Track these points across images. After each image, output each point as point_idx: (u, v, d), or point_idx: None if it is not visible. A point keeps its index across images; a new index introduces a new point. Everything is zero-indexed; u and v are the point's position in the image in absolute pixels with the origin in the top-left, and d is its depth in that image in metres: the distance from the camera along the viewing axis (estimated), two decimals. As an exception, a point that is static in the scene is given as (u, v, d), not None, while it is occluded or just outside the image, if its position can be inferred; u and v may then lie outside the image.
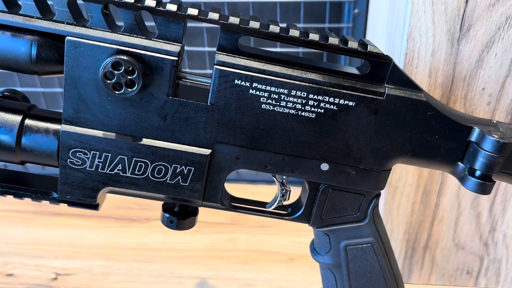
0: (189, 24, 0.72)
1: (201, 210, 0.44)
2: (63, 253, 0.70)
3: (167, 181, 0.41)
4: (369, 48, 0.38)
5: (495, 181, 0.41)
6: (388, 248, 0.47)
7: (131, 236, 0.74)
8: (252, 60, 0.38)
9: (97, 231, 0.75)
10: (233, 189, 0.48)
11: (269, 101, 0.39)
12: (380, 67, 0.39)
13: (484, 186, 0.41)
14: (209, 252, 0.71)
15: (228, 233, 0.75)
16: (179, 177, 0.41)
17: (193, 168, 0.41)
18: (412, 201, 0.57)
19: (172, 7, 0.36)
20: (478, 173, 0.41)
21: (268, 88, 0.38)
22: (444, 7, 0.46)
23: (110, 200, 0.83)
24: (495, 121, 0.43)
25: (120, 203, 0.81)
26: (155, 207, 0.81)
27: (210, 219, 0.77)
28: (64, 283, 0.65)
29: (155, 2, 0.36)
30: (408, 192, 0.57)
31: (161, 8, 0.36)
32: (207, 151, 0.40)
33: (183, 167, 0.41)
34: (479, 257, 0.61)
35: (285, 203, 0.46)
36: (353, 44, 0.38)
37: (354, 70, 0.40)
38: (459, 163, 0.42)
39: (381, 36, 0.61)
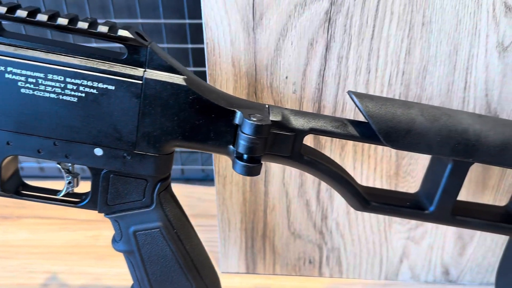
0: None
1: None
2: None
3: None
4: (120, 32, 0.39)
5: (261, 163, 0.42)
6: (183, 233, 0.47)
7: (-1, 233, 0.74)
8: (5, 45, 0.39)
9: (-34, 228, 0.74)
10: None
11: (27, 85, 0.39)
12: (137, 51, 0.40)
13: (248, 168, 0.42)
14: (71, 248, 0.71)
15: (94, 229, 0.75)
16: None
17: None
18: (242, 190, 0.58)
19: None
20: (244, 156, 0.42)
21: (23, 72, 0.39)
22: (233, -4, 0.47)
23: (-13, 199, 0.83)
24: (267, 106, 0.44)
25: (-3, 201, 0.81)
26: (31, 205, 0.82)
27: (79, 216, 0.77)
28: None
29: None
30: (237, 180, 0.57)
31: None
32: None
33: None
34: (318, 246, 0.62)
35: (82, 191, 0.47)
36: (102, 28, 0.39)
37: (118, 55, 0.41)
38: (231, 146, 0.43)
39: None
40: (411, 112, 0.43)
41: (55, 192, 0.47)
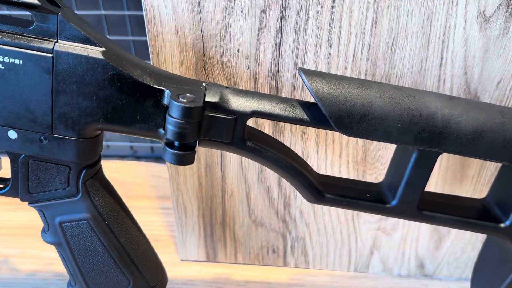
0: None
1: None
2: None
3: None
4: None
5: (194, 150, 0.37)
6: (116, 224, 0.42)
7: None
8: None
9: None
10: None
11: None
12: (46, 19, 0.34)
13: (178, 156, 0.37)
14: (25, 229, 0.67)
15: (53, 209, 0.71)
16: None
17: None
18: (197, 175, 0.53)
19: None
20: (174, 142, 0.37)
21: None
22: (171, -44, 0.40)
23: None
24: (205, 84, 0.38)
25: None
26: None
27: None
28: None
29: None
30: (190, 165, 0.52)
31: None
32: None
33: None
34: (281, 235, 0.57)
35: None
36: None
37: (25, 24, 0.35)
38: (161, 130, 0.37)
39: None
40: (368, 93, 0.37)
41: (-24, 177, 0.42)
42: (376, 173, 0.51)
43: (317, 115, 0.38)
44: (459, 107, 0.38)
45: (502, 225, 0.42)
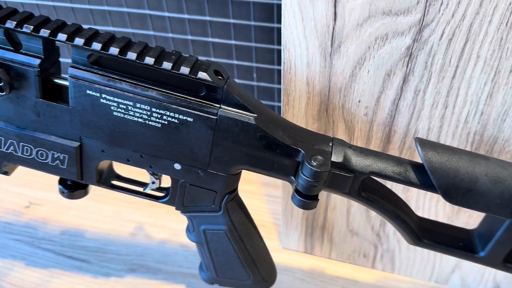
0: None
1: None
2: (40, 184, 0.83)
3: (49, 163, 0.50)
4: (200, 75, 0.42)
5: (317, 199, 0.46)
6: (245, 235, 0.53)
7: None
8: (100, 74, 0.44)
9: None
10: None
11: (119, 109, 0.45)
12: (214, 90, 0.43)
13: (305, 203, 0.45)
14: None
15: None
16: (58, 161, 0.50)
17: (66, 156, 0.49)
18: (307, 189, 0.62)
19: (29, 27, 0.42)
20: (301, 192, 0.45)
21: (115, 99, 0.44)
22: (313, 24, 0.47)
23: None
24: (332, 141, 0.45)
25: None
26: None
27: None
28: (34, 212, 0.78)
29: (14, 22, 0.42)
30: (302, 180, 0.61)
31: (18, 28, 0.42)
32: (75, 143, 0.48)
33: (59, 154, 0.49)
34: (373, 245, 0.65)
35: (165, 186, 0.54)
36: (184, 70, 0.42)
37: (197, 89, 0.44)
38: (293, 177, 0.46)
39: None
40: (475, 170, 0.42)
41: (142, 185, 0.54)
42: (469, 211, 0.56)
43: (426, 181, 0.44)
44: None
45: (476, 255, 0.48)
